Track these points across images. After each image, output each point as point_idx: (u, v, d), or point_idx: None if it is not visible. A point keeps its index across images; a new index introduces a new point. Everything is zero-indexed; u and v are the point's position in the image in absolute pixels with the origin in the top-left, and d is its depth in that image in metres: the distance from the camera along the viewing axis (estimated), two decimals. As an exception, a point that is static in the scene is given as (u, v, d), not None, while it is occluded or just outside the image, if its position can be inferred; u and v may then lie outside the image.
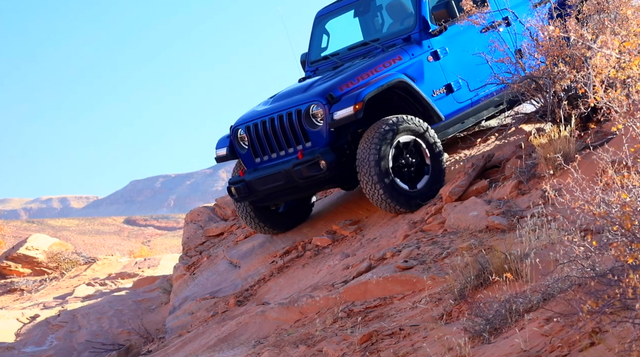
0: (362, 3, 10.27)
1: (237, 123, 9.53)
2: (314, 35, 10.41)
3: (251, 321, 7.93)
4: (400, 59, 9.29)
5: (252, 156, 9.35)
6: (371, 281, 7.52)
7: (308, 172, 8.85)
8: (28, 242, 17.24)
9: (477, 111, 9.66)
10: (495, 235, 7.51)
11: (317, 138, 8.95)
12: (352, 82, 9.07)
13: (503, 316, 5.52)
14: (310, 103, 8.98)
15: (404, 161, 8.94)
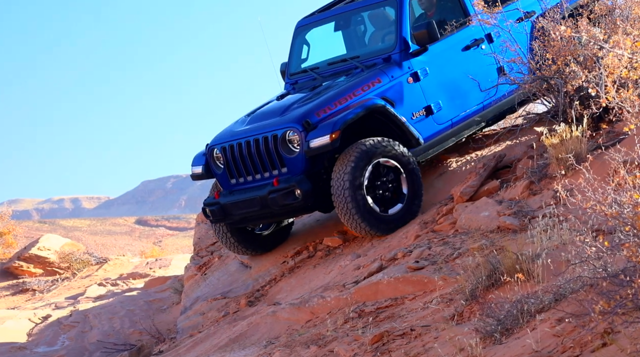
0: (342, 17, 10.03)
1: (213, 142, 9.34)
2: (294, 45, 10.18)
3: (262, 322, 7.93)
4: (379, 82, 9.14)
5: (228, 177, 9.20)
6: (382, 282, 7.52)
7: (283, 201, 8.75)
8: (40, 242, 17.28)
9: (458, 131, 9.50)
10: (506, 235, 7.50)
11: (293, 164, 8.82)
12: (330, 107, 8.92)
13: (514, 316, 5.52)
14: (287, 129, 8.83)
15: (380, 185, 8.82)
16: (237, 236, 9.62)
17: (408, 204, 8.92)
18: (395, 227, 8.85)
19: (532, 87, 9.01)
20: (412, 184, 8.93)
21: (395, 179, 8.90)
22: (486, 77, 9.52)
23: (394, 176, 8.89)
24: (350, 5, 10.02)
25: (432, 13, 9.74)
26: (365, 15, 9.96)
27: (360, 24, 10.00)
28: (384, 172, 8.86)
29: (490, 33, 9.61)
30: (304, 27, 10.18)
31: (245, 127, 9.19)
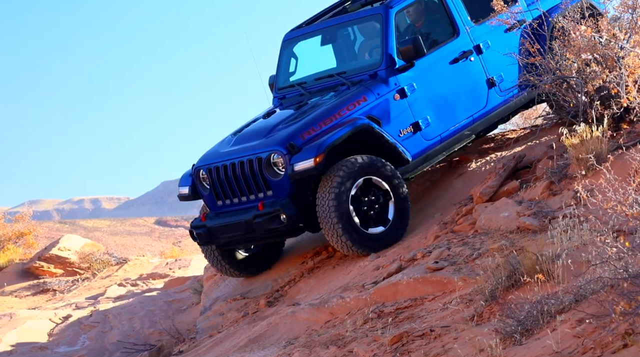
0: (328, 31, 9.86)
1: (198, 163, 9.24)
2: (281, 59, 10.03)
3: (282, 322, 7.94)
4: (365, 100, 9.01)
5: (214, 198, 9.09)
6: (402, 282, 7.51)
7: (268, 225, 8.65)
8: (60, 242, 17.36)
9: (448, 146, 9.37)
10: (526, 236, 7.48)
11: (278, 187, 8.72)
12: (314, 128, 8.81)
13: (534, 317, 5.50)
14: (271, 152, 8.73)
15: (366, 203, 8.71)
16: (227, 258, 9.50)
17: (391, 229, 8.79)
18: (379, 247, 8.72)
19: (552, 87, 8.98)
20: (399, 210, 8.81)
21: (384, 202, 8.78)
22: (475, 89, 9.42)
23: (383, 199, 8.78)
24: (335, 19, 9.82)
25: (421, 24, 9.59)
26: (352, 28, 9.82)
27: (348, 37, 9.85)
28: (372, 192, 8.73)
29: (479, 44, 9.47)
30: (291, 40, 10.01)
31: (230, 148, 9.09)
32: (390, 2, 9.34)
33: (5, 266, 17.39)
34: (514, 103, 9.64)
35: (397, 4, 9.33)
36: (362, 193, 8.71)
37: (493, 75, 9.49)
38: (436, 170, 10.29)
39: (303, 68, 9.98)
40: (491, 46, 9.51)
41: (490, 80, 9.48)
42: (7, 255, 18.09)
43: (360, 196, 8.70)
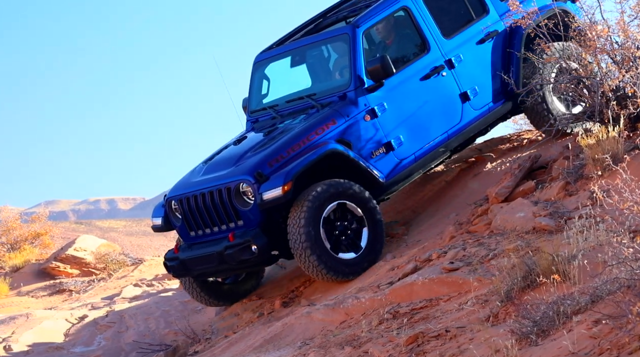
0: (297, 52, 9.65)
1: (170, 193, 9.11)
2: (253, 81, 9.84)
3: (297, 322, 7.94)
4: (334, 123, 8.85)
5: (187, 229, 8.97)
6: (417, 282, 7.51)
7: (240, 256, 8.53)
8: (76, 243, 17.40)
9: (423, 164, 9.24)
10: (542, 236, 7.46)
11: (249, 217, 8.59)
12: (283, 155, 8.68)
13: (550, 317, 5.49)
14: (239, 181, 8.60)
15: (338, 227, 8.58)
16: (205, 287, 9.39)
17: (363, 256, 8.64)
18: (353, 273, 8.57)
19: (568, 88, 8.96)
20: (373, 237, 8.65)
21: (357, 228, 8.64)
22: (449, 105, 9.25)
23: (357, 225, 8.64)
24: (303, 40, 9.63)
25: (391, 41, 9.43)
26: (321, 55, 9.63)
27: (320, 56, 9.66)
28: (346, 217, 8.61)
29: (450, 59, 9.28)
30: (262, 61, 9.82)
31: (200, 178, 8.97)
32: (357, 21, 9.14)
33: (22, 266, 17.46)
34: (490, 116, 9.46)
35: (363, 23, 9.12)
36: (335, 218, 8.56)
37: (467, 89, 9.29)
38: (451, 171, 10.28)
39: (276, 90, 9.77)
40: (463, 60, 9.31)
41: (464, 95, 9.28)
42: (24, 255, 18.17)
43: (334, 220, 8.56)
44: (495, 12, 9.59)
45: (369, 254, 8.67)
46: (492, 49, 9.49)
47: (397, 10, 9.29)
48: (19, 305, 15.32)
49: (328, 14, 10.06)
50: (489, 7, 9.57)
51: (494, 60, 9.48)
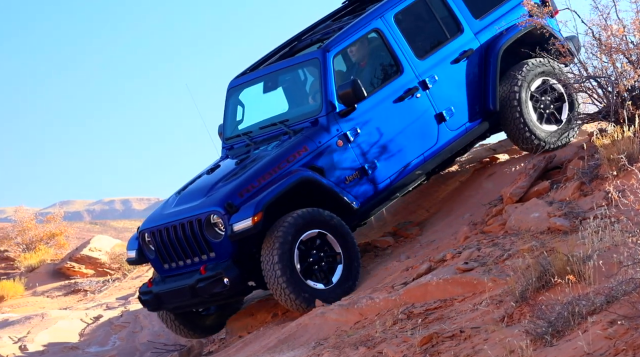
0: (269, 78, 9.47)
1: (143, 226, 9.01)
2: (227, 107, 9.66)
3: (311, 323, 7.94)
4: (305, 150, 8.69)
5: (161, 262, 8.81)
6: (431, 283, 7.50)
7: (212, 289, 8.37)
8: (91, 243, 17.45)
9: (400, 187, 9.06)
10: (557, 237, 7.44)
11: (221, 248, 8.41)
12: (253, 185, 8.50)
13: (565, 318, 5.47)
14: (210, 212, 8.43)
15: (313, 256, 8.41)
16: (182, 319, 9.22)
17: (332, 289, 8.42)
18: (339, 295, 8.33)
19: (582, 87, 8.93)
20: (347, 273, 8.47)
21: (332, 262, 8.48)
22: (424, 126, 9.09)
23: (332, 259, 8.48)
24: (275, 65, 9.47)
25: (365, 63, 9.25)
26: (293, 80, 9.49)
27: (296, 79, 9.49)
28: (322, 248, 8.45)
29: (425, 80, 9.13)
30: (236, 87, 9.65)
31: (172, 210, 8.82)
32: (328, 45, 8.98)
33: (37, 267, 17.52)
34: (468, 136, 9.33)
35: (334, 47, 8.97)
36: (311, 247, 8.41)
37: (442, 109, 9.14)
38: (466, 171, 10.26)
39: (251, 115, 9.60)
40: (438, 80, 9.18)
41: (440, 116, 9.14)
42: (39, 255, 18.23)
43: (309, 249, 8.40)
44: (469, 30, 9.44)
45: (338, 289, 8.43)
46: (468, 68, 9.35)
47: (369, 32, 9.13)
48: (34, 305, 15.38)
49: (303, 36, 9.90)
50: (463, 26, 9.41)
51: (469, 79, 9.35)
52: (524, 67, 9.40)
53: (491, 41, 9.43)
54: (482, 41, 9.45)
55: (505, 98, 9.37)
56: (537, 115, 9.46)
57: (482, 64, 9.39)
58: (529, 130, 9.38)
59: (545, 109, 9.51)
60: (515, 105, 9.32)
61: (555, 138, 9.46)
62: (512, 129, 9.43)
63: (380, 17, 9.18)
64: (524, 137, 9.42)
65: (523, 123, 9.35)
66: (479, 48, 9.44)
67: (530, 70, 9.40)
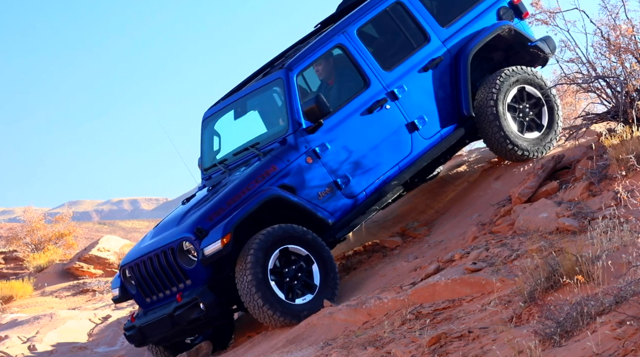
0: (239, 104, 9.47)
1: (123, 262, 9.01)
2: (203, 138, 9.70)
3: (319, 323, 7.95)
4: (274, 169, 8.66)
5: (143, 296, 8.80)
6: (439, 283, 7.49)
7: (189, 316, 8.33)
8: (100, 243, 17.49)
9: (377, 199, 8.98)
10: (565, 237, 7.43)
11: (196, 275, 8.37)
12: (223, 208, 8.47)
13: (574, 318, 5.46)
14: (181, 240, 8.41)
15: (288, 274, 8.33)
16: (172, 351, 9.13)
17: (320, 293, 8.37)
18: (307, 314, 8.21)
19: (591, 88, 8.92)
20: (325, 273, 8.40)
21: (307, 269, 8.39)
22: (396, 137, 9.04)
23: (306, 265, 8.39)
24: (242, 91, 9.47)
25: (333, 81, 9.21)
26: (260, 104, 9.46)
27: (263, 105, 9.45)
28: (293, 261, 8.37)
29: (393, 91, 9.08)
30: (210, 118, 9.67)
31: (149, 242, 8.83)
32: (290, 64, 8.97)
33: (46, 267, 17.56)
34: (443, 143, 9.24)
35: (296, 66, 8.95)
36: (282, 265, 8.35)
37: (414, 119, 9.09)
38: (474, 171, 10.25)
39: (227, 144, 9.58)
40: (407, 90, 9.13)
41: (412, 125, 9.08)
42: (48, 256, 18.28)
43: (281, 268, 8.34)
44: (436, 38, 9.41)
45: (325, 289, 8.40)
46: (438, 76, 9.30)
47: (332, 48, 9.11)
48: (43, 305, 15.41)
49: (275, 62, 9.85)
50: (430, 35, 9.39)
51: (440, 87, 9.30)
52: (499, 77, 9.35)
53: (460, 47, 9.38)
54: (451, 48, 9.40)
55: (482, 106, 9.31)
56: (517, 125, 9.41)
57: (452, 70, 9.34)
58: (510, 142, 9.34)
59: (525, 117, 9.46)
60: (493, 118, 9.26)
61: (538, 145, 9.43)
62: (494, 142, 9.39)
63: (343, 33, 9.15)
64: (506, 150, 9.39)
65: (503, 136, 9.31)
66: (448, 55, 9.39)
67: (505, 81, 9.33)
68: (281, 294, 8.28)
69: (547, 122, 9.51)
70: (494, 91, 9.30)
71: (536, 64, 9.81)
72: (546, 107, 9.51)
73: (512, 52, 9.74)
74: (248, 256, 8.23)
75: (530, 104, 9.50)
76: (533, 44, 9.64)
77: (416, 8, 9.46)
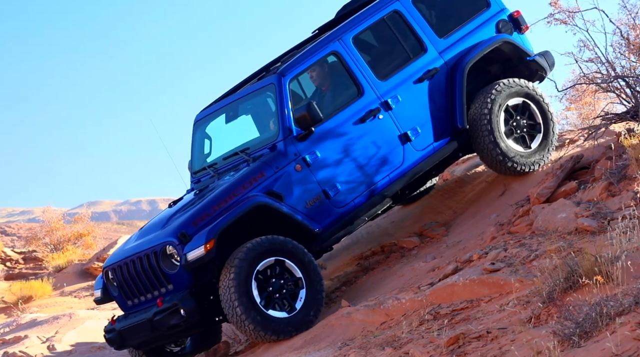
0: (230, 108, 9.31)
1: (106, 263, 8.85)
2: (194, 141, 9.57)
3: (337, 323, 7.95)
4: (262, 176, 8.50)
5: (124, 299, 8.67)
6: (458, 283, 7.48)
7: (169, 321, 8.18)
8: (118, 243, 17.54)
9: (366, 210, 8.83)
10: (584, 237, 7.40)
11: (178, 280, 8.23)
12: (208, 213, 8.31)
13: (593, 319, 5.44)
14: (164, 244, 8.27)
15: (273, 284, 8.19)
16: (150, 355, 8.99)
17: (296, 318, 8.20)
18: (286, 332, 8.20)
19: (610, 87, 8.88)
20: (310, 299, 8.24)
21: (294, 288, 8.25)
22: (388, 147, 8.89)
23: (294, 285, 8.25)
24: (234, 95, 9.33)
25: (327, 87, 9.06)
26: (252, 108, 9.33)
27: (256, 110, 9.30)
28: (283, 275, 8.22)
29: (387, 100, 8.92)
30: (202, 120, 9.56)
31: (133, 244, 8.72)
32: (283, 70, 8.83)
33: (65, 267, 17.64)
34: (436, 155, 9.08)
35: (289, 72, 8.81)
36: (271, 274, 8.21)
37: (407, 130, 8.94)
38: (492, 171, 10.23)
39: (218, 147, 9.44)
40: (401, 100, 8.99)
41: (405, 136, 8.93)
42: (67, 256, 18.36)
43: (269, 276, 8.20)
44: (433, 49, 9.26)
45: (304, 317, 8.25)
46: (433, 87, 9.15)
47: (327, 55, 8.98)
48: (62, 305, 15.48)
49: (271, 66, 9.74)
50: (427, 45, 9.24)
51: (435, 98, 9.15)
52: (494, 90, 9.20)
53: (457, 59, 9.24)
54: (448, 60, 9.26)
55: (476, 119, 9.16)
56: (511, 138, 9.24)
57: (448, 82, 9.20)
58: (503, 155, 9.17)
59: (520, 131, 9.28)
60: (487, 132, 9.11)
61: (532, 159, 9.25)
62: (487, 155, 9.22)
63: (338, 40, 9.02)
64: (499, 163, 9.21)
65: (497, 149, 9.14)
66: (444, 67, 9.25)
67: (500, 93, 9.17)
68: (264, 307, 8.12)
69: (542, 136, 9.31)
70: (489, 104, 9.13)
71: (534, 79, 9.58)
72: (542, 121, 9.31)
73: (510, 65, 9.58)
74: (232, 266, 8.09)
75: (526, 117, 9.31)
76: (531, 59, 9.48)
77: (414, 18, 9.31)
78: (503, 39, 9.41)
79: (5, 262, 19.26)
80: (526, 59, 9.47)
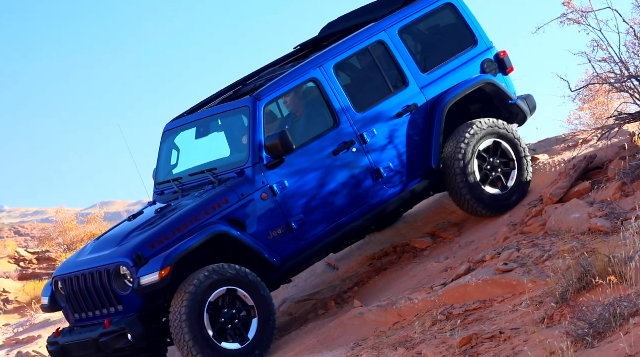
0: (202, 124, 9.06)
1: (57, 272, 8.63)
2: (161, 151, 9.27)
3: (350, 323, 7.95)
4: (226, 202, 8.26)
5: (71, 312, 8.45)
6: (470, 284, 7.48)
7: (115, 345, 8.00)
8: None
9: (330, 245, 8.62)
10: (598, 237, 7.39)
11: (129, 302, 8.02)
12: (167, 236, 8.09)
13: (607, 320, 5.43)
14: (118, 264, 8.04)
15: (225, 315, 7.99)
16: None
17: (249, 348, 8.01)
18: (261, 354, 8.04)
19: (624, 87, 8.86)
20: (262, 329, 8.05)
21: (246, 318, 8.06)
22: (359, 183, 8.68)
23: (246, 314, 8.05)
24: (207, 111, 9.09)
25: (301, 114, 8.82)
26: (224, 127, 9.01)
27: (229, 128, 9.05)
28: (235, 304, 8.03)
29: (363, 134, 8.70)
30: (171, 131, 9.27)
31: (86, 257, 8.47)
32: (259, 94, 8.56)
33: (78, 267, 17.68)
34: (406, 193, 8.89)
35: (266, 96, 8.56)
36: (223, 304, 8.01)
37: (380, 166, 8.73)
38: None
39: (185, 161, 9.20)
40: (377, 135, 8.77)
41: (377, 172, 8.72)
42: (80, 256, 18.39)
43: (221, 306, 8.00)
44: (415, 84, 9.02)
45: (256, 347, 8.05)
46: (411, 124, 8.92)
47: (306, 82, 8.73)
48: (75, 305, 15.50)
49: (248, 80, 9.57)
50: (409, 80, 9.01)
51: (412, 136, 8.93)
52: (469, 130, 8.99)
53: (438, 97, 9.03)
54: (429, 97, 9.04)
55: (450, 163, 8.96)
56: (486, 183, 9.05)
57: (426, 120, 8.98)
58: (473, 197, 8.97)
59: (493, 172, 9.08)
60: (459, 172, 8.92)
61: (502, 204, 9.06)
62: (456, 194, 9.04)
63: (320, 67, 8.78)
64: (468, 204, 9.05)
65: (468, 192, 8.96)
66: (424, 103, 9.01)
67: (475, 134, 8.96)
68: (211, 332, 7.93)
69: (515, 180, 9.11)
70: (463, 145, 8.93)
71: (514, 121, 9.38)
72: (516, 164, 9.11)
73: (490, 106, 9.37)
74: (185, 295, 7.89)
75: (501, 159, 9.12)
76: (513, 102, 9.29)
77: (399, 50, 9.06)
78: (486, 81, 9.19)
79: (19, 263, 19.34)
80: (508, 102, 9.32)
